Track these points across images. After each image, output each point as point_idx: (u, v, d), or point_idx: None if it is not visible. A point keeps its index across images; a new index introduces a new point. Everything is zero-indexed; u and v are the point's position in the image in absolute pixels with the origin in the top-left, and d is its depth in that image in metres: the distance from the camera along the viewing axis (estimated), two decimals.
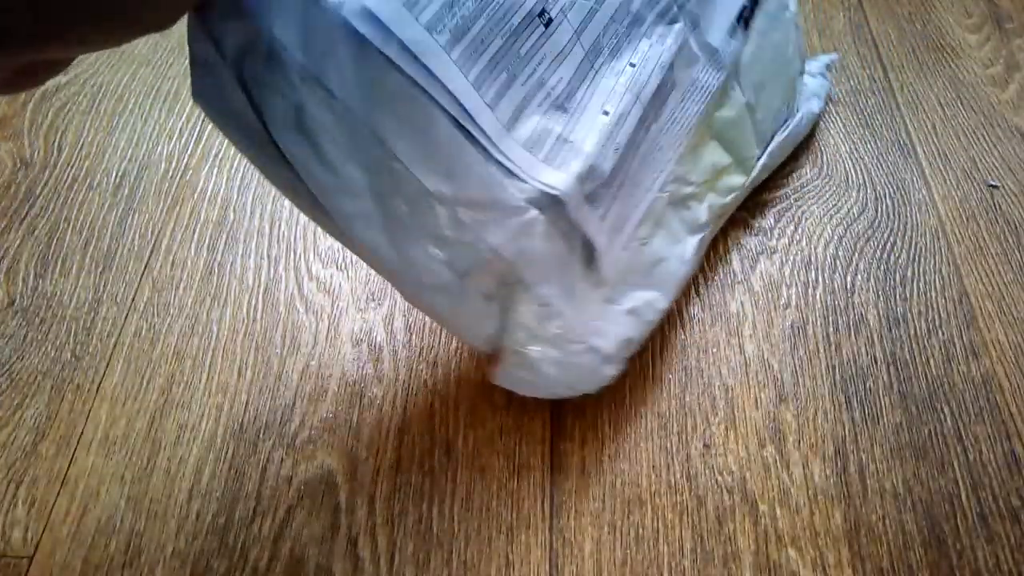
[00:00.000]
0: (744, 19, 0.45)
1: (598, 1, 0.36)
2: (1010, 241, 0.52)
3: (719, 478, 0.42)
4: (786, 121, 0.52)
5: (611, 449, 0.43)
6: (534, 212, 0.33)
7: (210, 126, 0.58)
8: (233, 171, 0.56)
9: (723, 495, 0.41)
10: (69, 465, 0.42)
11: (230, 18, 0.29)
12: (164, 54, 0.64)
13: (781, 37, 0.50)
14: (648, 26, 0.38)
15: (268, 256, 0.51)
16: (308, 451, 0.42)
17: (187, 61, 0.31)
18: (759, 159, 0.48)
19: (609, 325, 0.39)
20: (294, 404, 0.44)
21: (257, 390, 0.45)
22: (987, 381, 0.46)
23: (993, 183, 0.55)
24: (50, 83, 0.60)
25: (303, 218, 0.53)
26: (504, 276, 0.35)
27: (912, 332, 0.48)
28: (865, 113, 0.59)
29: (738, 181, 0.46)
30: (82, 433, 0.43)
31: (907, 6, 0.67)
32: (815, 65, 0.58)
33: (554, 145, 0.34)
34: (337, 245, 0.51)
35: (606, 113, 0.36)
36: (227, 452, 0.42)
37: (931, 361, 0.46)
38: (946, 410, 0.44)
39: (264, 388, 0.45)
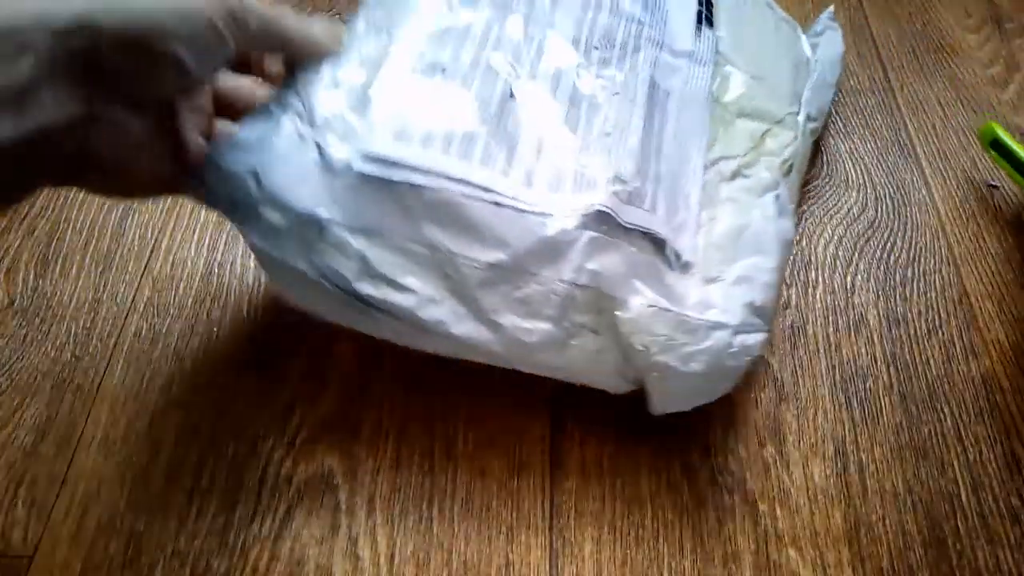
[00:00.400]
0: (705, 18, 0.47)
1: (557, 70, 0.40)
2: (1010, 241, 0.52)
3: (719, 478, 0.42)
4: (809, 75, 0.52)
5: (611, 449, 0.43)
6: (587, 234, 0.36)
7: None
8: None
9: (723, 495, 0.41)
10: (69, 465, 0.42)
11: (275, 212, 0.34)
12: None
13: (755, 15, 0.52)
14: (616, 63, 0.42)
15: None
16: (308, 451, 0.42)
17: None
18: (799, 112, 0.48)
19: (723, 299, 0.38)
20: (294, 404, 0.44)
21: (257, 390, 0.45)
22: (987, 381, 0.46)
23: (993, 183, 0.55)
24: None
25: None
26: (595, 304, 0.36)
27: (912, 332, 0.48)
28: (865, 113, 0.59)
29: (787, 136, 0.46)
30: (82, 433, 0.43)
31: (907, 6, 0.67)
32: (817, 27, 0.58)
33: (575, 177, 0.37)
34: None
35: (608, 134, 0.39)
36: (227, 452, 0.42)
37: (931, 361, 0.46)
38: (946, 410, 0.45)
39: (264, 388, 0.45)
